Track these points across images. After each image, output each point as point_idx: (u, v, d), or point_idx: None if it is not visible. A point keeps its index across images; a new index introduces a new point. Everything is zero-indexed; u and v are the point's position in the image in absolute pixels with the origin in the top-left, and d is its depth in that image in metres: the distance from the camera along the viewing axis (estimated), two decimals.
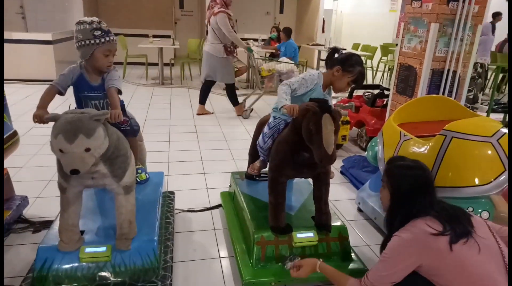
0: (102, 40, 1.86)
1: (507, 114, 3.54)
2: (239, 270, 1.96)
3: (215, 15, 5.08)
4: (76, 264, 1.73)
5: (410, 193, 1.54)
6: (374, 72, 8.63)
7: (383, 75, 8.95)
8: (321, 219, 2.09)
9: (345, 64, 2.12)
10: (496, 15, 7.03)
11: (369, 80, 8.39)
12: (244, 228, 2.21)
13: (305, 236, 2.02)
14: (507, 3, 6.48)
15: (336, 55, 2.23)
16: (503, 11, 5.74)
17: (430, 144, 2.12)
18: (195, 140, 4.39)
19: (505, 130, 1.95)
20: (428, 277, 1.42)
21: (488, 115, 3.43)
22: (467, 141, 1.96)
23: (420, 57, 3.12)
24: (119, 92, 1.86)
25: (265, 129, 2.26)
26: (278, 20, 11.08)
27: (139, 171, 2.26)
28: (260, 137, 2.31)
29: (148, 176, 2.32)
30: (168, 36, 9.10)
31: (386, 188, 1.65)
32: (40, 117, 1.66)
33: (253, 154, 2.61)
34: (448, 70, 3.06)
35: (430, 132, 2.43)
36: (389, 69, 8.71)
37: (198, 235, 2.46)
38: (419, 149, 2.16)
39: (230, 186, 2.86)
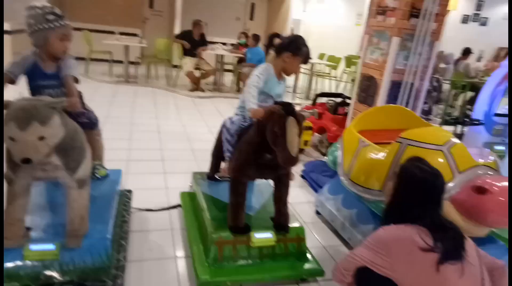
0: (57, 24, 1.78)
1: (458, 125, 3.77)
2: (195, 269, 1.93)
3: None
4: (19, 263, 1.62)
5: (412, 195, 1.47)
6: (338, 82, 8.88)
7: (346, 85, 9.23)
8: (279, 220, 2.10)
9: (293, 49, 2.17)
10: (466, 53, 7.27)
11: (332, 89, 8.62)
12: (203, 228, 2.19)
13: (263, 236, 2.03)
14: (462, 25, 6.92)
15: (277, 41, 2.29)
16: (459, 32, 6.07)
17: (387, 151, 2.20)
18: (157, 139, 4.30)
19: (456, 140, 2.06)
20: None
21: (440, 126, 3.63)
22: (420, 148, 2.05)
23: (381, 69, 3.25)
24: (76, 80, 1.79)
25: (228, 124, 2.24)
26: (248, 26, 11.15)
27: (98, 167, 2.17)
28: (226, 134, 2.27)
29: (107, 173, 2.24)
30: (135, 35, 8.91)
31: (392, 181, 1.59)
32: None
33: (217, 155, 2.60)
34: (406, 82, 3.20)
35: (387, 139, 2.53)
36: (352, 80, 9.00)
37: (155, 235, 2.40)
38: (376, 155, 2.24)
39: (191, 186, 2.82)
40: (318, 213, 2.89)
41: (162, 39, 8.15)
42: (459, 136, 2.99)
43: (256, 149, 1.95)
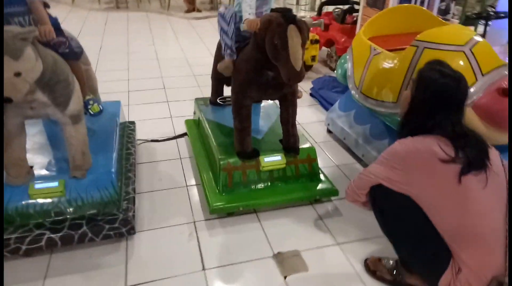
0: None
1: (480, 23, 3.42)
2: (206, 197, 1.90)
3: None
4: (27, 201, 1.60)
5: (432, 102, 1.32)
6: None
7: None
8: (288, 141, 2.01)
9: None
10: None
11: None
12: (210, 155, 2.12)
13: (273, 159, 1.96)
14: None
15: None
16: None
17: (400, 55, 2.00)
18: (156, 67, 4.10)
19: (479, 38, 1.84)
20: (421, 205, 1.29)
21: None
22: (439, 51, 1.84)
23: None
24: (45, 5, 1.58)
25: (222, 10, 2.01)
26: None
27: (91, 102, 2.03)
28: (222, 22, 2.01)
29: (102, 108, 2.11)
30: None
31: (409, 89, 1.42)
32: None
33: (217, 78, 2.43)
34: None
35: (402, 45, 2.30)
36: None
37: (164, 165, 2.35)
38: (390, 63, 2.05)
39: (194, 113, 2.71)
40: (329, 131, 2.79)
41: None
42: (481, 35, 2.71)
43: (256, 67, 1.78)
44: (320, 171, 2.10)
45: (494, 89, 1.74)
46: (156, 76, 3.84)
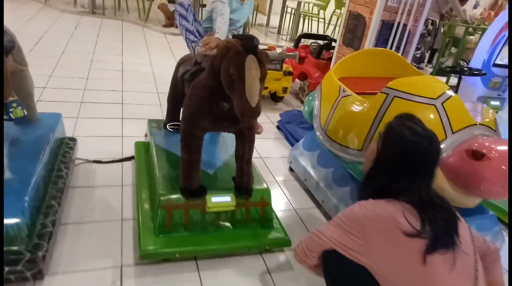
0: None
1: (451, 75, 3.45)
2: (139, 237, 1.65)
3: None
4: None
5: (399, 162, 1.18)
6: (326, 25, 8.28)
7: (334, 28, 8.65)
8: (241, 181, 1.80)
9: None
10: None
11: (320, 32, 8.05)
12: (152, 188, 1.88)
13: (221, 200, 1.74)
14: None
15: None
16: None
17: (369, 101, 1.87)
18: (119, 79, 3.84)
19: (451, 93, 1.74)
20: (377, 278, 1.12)
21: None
22: (409, 101, 1.73)
23: (371, 5, 2.81)
24: None
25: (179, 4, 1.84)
26: None
27: (14, 105, 1.69)
28: (181, 19, 1.88)
29: (25, 113, 1.76)
30: None
31: (376, 144, 1.28)
32: None
33: (173, 100, 2.23)
34: (399, 23, 2.80)
35: (372, 89, 2.19)
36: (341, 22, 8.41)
37: (101, 192, 2.08)
38: (358, 107, 1.91)
39: (145, 135, 2.47)
40: (291, 170, 2.62)
41: None
42: (453, 89, 2.67)
43: (211, 96, 1.59)
44: (274, 216, 1.90)
45: (463, 149, 1.62)
46: (116, 89, 3.58)
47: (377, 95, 1.82)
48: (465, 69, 2.14)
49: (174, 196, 1.69)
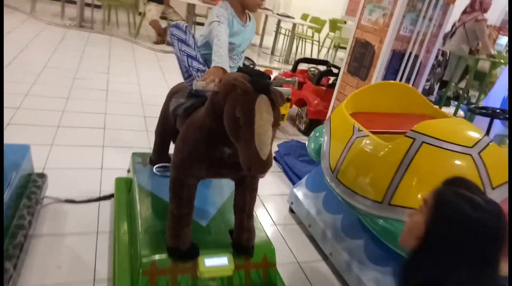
0: None
1: (459, 108, 3.27)
2: None
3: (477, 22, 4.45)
4: None
5: (459, 248, 0.89)
6: (320, 47, 8.17)
7: (328, 51, 8.55)
8: (241, 237, 1.51)
9: None
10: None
11: (314, 55, 7.93)
12: (134, 243, 1.57)
13: (216, 263, 1.43)
14: None
15: None
16: None
17: (391, 145, 1.61)
18: (103, 99, 3.53)
19: (488, 139, 1.50)
20: None
21: (440, 108, 3.08)
22: (441, 150, 1.48)
23: (381, 34, 2.61)
24: None
25: (176, 28, 1.56)
26: None
27: None
28: (181, 45, 1.56)
29: None
30: None
31: (423, 215, 0.97)
32: None
33: (162, 134, 1.95)
34: (411, 53, 2.59)
35: (389, 127, 1.95)
36: (334, 46, 8.34)
37: (71, 241, 1.76)
38: (378, 151, 1.65)
39: (128, 171, 2.17)
40: (292, 211, 2.33)
41: None
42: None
43: (209, 138, 1.31)
44: (278, 279, 1.60)
45: (505, 208, 1.37)
46: (99, 111, 3.27)
47: (402, 139, 1.57)
48: (498, 111, 1.93)
49: (159, 258, 1.39)
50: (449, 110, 3.84)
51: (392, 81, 2.48)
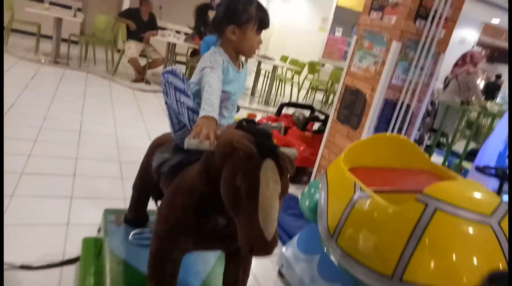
0: None
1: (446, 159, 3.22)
2: None
3: (469, 74, 4.61)
4: None
5: None
6: (299, 88, 8.23)
7: (307, 93, 8.62)
8: None
9: (236, 16, 1.39)
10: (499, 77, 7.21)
11: (294, 96, 7.95)
12: None
13: None
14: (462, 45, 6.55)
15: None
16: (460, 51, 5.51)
17: (400, 210, 1.45)
18: (75, 142, 3.27)
19: (505, 206, 1.37)
20: None
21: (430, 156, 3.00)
22: (457, 218, 1.33)
23: (373, 82, 2.54)
24: None
25: (171, 73, 1.35)
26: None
27: None
28: (174, 92, 1.33)
29: None
30: (78, 8, 7.57)
31: None
32: None
33: (140, 188, 1.72)
34: (403, 102, 2.52)
35: (387, 184, 1.80)
36: (312, 88, 8.43)
37: None
38: (385, 215, 1.49)
39: (99, 230, 1.90)
40: (281, 275, 2.10)
41: (102, 16, 6.95)
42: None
43: (200, 206, 1.11)
44: None
45: None
46: (70, 155, 3.00)
47: (412, 204, 1.41)
48: (489, 170, 1.84)
49: None
50: (433, 158, 3.79)
51: (390, 134, 2.38)
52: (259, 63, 7.61)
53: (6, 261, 1.70)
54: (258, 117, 3.88)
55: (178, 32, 7.27)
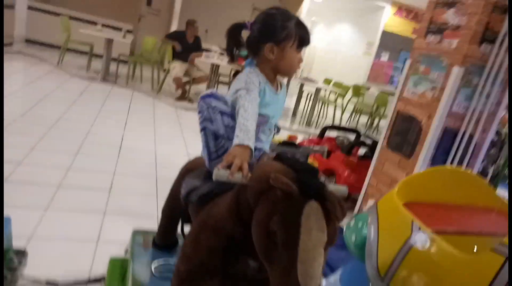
0: None
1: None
2: None
3: None
4: None
5: None
6: (343, 111, 7.98)
7: (350, 116, 8.35)
8: None
9: (274, 33, 1.25)
10: None
11: (337, 119, 7.71)
12: None
13: None
14: None
15: (245, 32, 1.36)
16: None
17: (472, 260, 1.21)
18: (114, 157, 3.25)
19: None
20: None
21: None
22: None
23: (430, 109, 2.30)
24: None
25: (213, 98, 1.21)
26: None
27: None
28: (212, 113, 1.21)
29: None
30: (129, 31, 7.92)
31: None
32: None
33: (170, 211, 1.59)
34: (464, 132, 2.26)
35: (449, 223, 1.56)
36: (356, 111, 8.15)
37: None
38: (452, 265, 1.25)
39: (126, 252, 1.79)
40: None
41: (150, 38, 7.18)
42: None
43: (228, 247, 0.95)
44: None
45: None
46: (107, 169, 2.98)
47: (488, 255, 1.17)
48: None
49: None
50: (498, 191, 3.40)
51: (446, 167, 2.11)
52: (301, 85, 7.50)
53: (31, 276, 1.63)
54: (299, 139, 3.70)
55: (222, 53, 7.35)
